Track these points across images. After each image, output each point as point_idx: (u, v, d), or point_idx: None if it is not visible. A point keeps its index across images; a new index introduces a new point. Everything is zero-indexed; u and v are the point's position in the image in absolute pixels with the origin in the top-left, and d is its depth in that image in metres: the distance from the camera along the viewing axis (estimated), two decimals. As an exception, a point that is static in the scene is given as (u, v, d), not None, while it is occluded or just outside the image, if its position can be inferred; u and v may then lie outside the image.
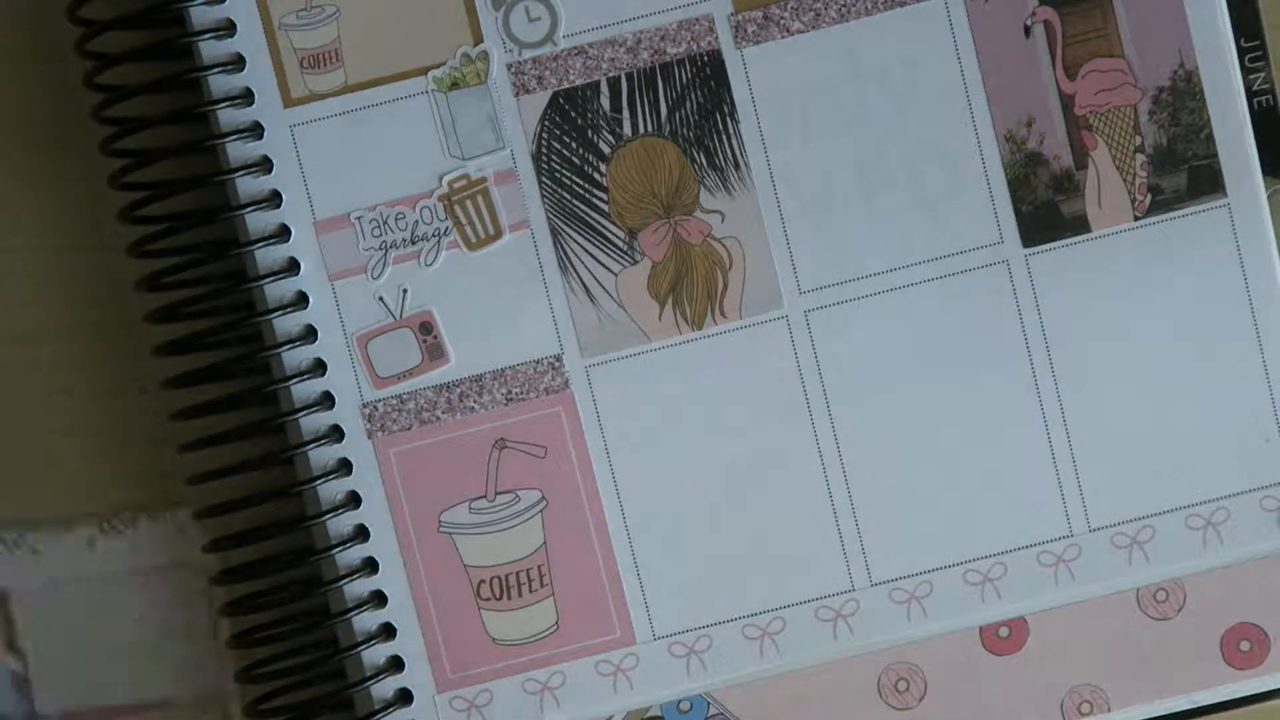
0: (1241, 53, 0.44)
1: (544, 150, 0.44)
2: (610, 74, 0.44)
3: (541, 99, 0.44)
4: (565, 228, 0.44)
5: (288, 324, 0.44)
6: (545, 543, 0.44)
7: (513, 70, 0.44)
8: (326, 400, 0.44)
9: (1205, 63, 0.43)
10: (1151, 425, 0.44)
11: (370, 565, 0.44)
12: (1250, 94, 0.44)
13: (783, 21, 0.43)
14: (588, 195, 0.44)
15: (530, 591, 0.44)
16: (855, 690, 0.45)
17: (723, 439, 0.44)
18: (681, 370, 0.44)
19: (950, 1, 0.43)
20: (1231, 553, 0.44)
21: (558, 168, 0.44)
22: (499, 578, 0.44)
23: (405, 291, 0.44)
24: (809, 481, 0.44)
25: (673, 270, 0.44)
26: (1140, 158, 0.44)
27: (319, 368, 0.44)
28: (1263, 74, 0.44)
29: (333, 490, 0.44)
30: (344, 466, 0.44)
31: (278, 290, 0.43)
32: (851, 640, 0.44)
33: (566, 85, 0.44)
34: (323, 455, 0.44)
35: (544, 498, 0.44)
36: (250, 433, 0.44)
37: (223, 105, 0.43)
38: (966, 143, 0.44)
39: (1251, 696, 0.45)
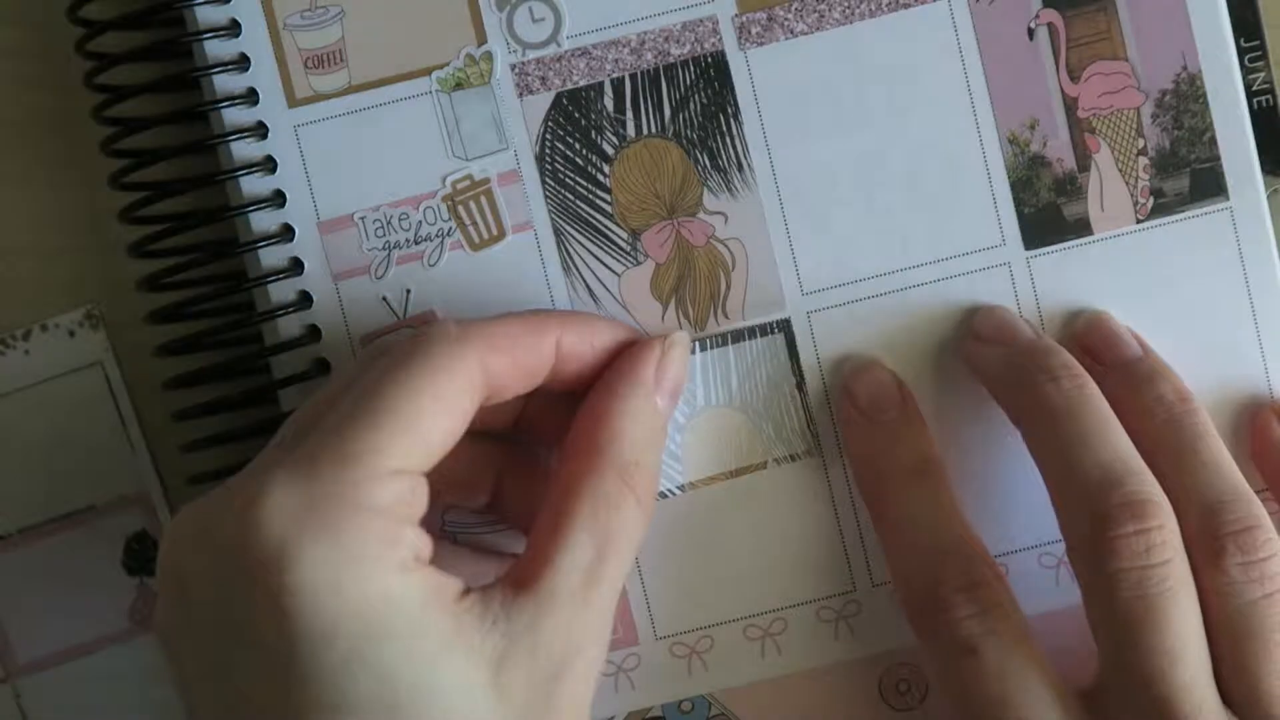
0: (1241, 53, 0.44)
1: (547, 151, 0.44)
2: (614, 75, 0.44)
3: (545, 100, 0.44)
4: (568, 228, 0.44)
5: (291, 324, 0.44)
6: (548, 543, 0.44)
7: (516, 71, 0.44)
8: (329, 401, 0.44)
9: (1208, 66, 0.43)
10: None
11: (373, 565, 0.44)
12: (1250, 94, 0.44)
13: (786, 23, 0.43)
14: (591, 196, 0.44)
15: (532, 592, 0.44)
16: (857, 691, 0.45)
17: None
18: (684, 371, 0.44)
19: (954, 4, 0.43)
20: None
21: (561, 168, 0.44)
22: (501, 578, 0.44)
23: (409, 292, 0.44)
24: (811, 482, 0.44)
25: (676, 271, 0.44)
26: (1143, 160, 0.44)
27: (323, 368, 0.44)
28: (1262, 74, 0.44)
29: (335, 490, 0.44)
30: (347, 467, 0.44)
31: (281, 291, 0.43)
32: (853, 641, 0.44)
33: (570, 86, 0.44)
34: (325, 455, 0.44)
35: (546, 498, 0.44)
36: (252, 433, 0.44)
37: (227, 105, 0.43)
38: (969, 145, 0.44)
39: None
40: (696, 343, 0.43)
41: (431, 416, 0.36)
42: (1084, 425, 0.40)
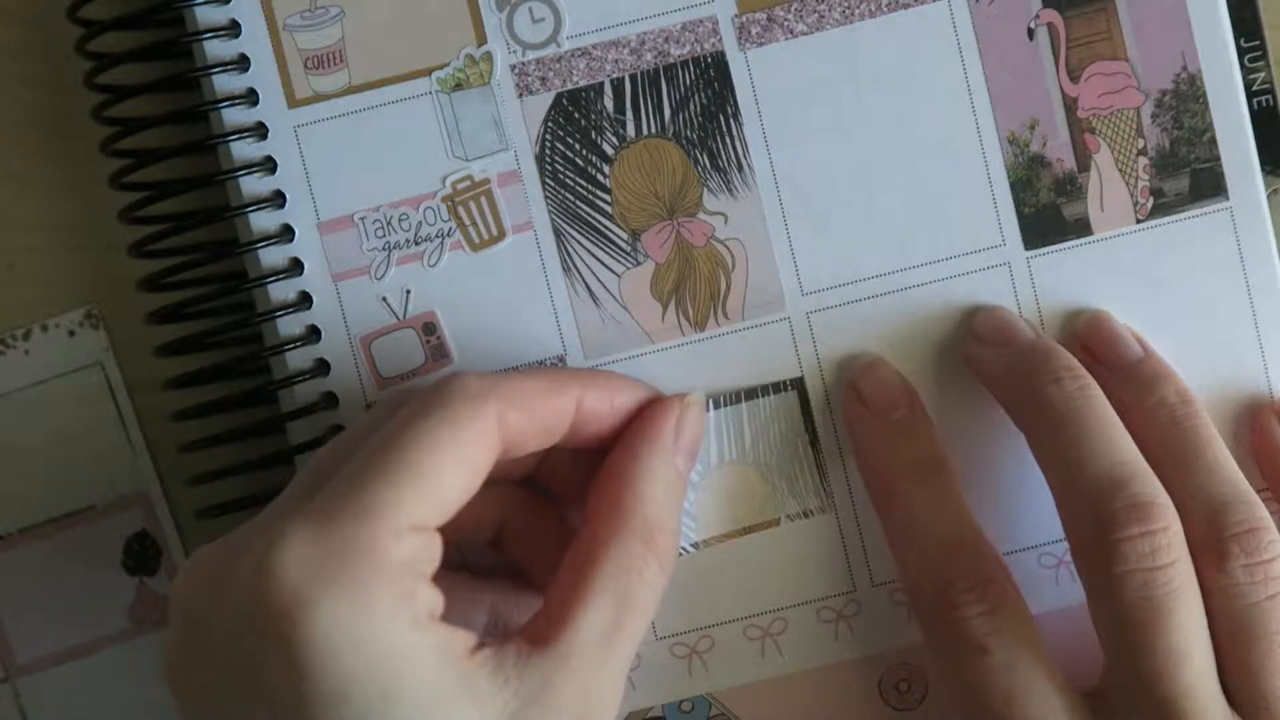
0: (1241, 53, 0.44)
1: (547, 151, 0.44)
2: (614, 75, 0.44)
3: (545, 100, 0.44)
4: (568, 229, 0.44)
5: (291, 325, 0.44)
6: (548, 543, 0.44)
7: (516, 71, 0.44)
8: (330, 401, 0.44)
9: (1208, 66, 0.43)
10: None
11: (373, 565, 0.44)
12: (1250, 94, 0.44)
13: (786, 23, 0.43)
14: (591, 196, 0.44)
15: (533, 592, 0.44)
16: (857, 691, 0.45)
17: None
18: (684, 371, 0.44)
19: (954, 4, 0.43)
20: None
21: (561, 169, 0.44)
22: (501, 578, 0.44)
23: (409, 292, 0.44)
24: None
25: (675, 272, 0.44)
26: (1143, 160, 0.44)
27: (322, 368, 0.44)
28: (1262, 74, 0.44)
29: (335, 491, 0.44)
30: (347, 467, 0.44)
31: (281, 291, 0.43)
32: (853, 641, 0.44)
33: (570, 86, 0.44)
34: (325, 456, 0.44)
35: (547, 498, 0.44)
36: (252, 433, 0.44)
37: (227, 105, 0.43)
38: (969, 145, 0.44)
39: None
40: (710, 401, 0.43)
41: (449, 472, 0.36)
42: (1087, 427, 0.40)
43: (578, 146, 0.44)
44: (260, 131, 0.43)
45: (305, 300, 0.44)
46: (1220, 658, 0.39)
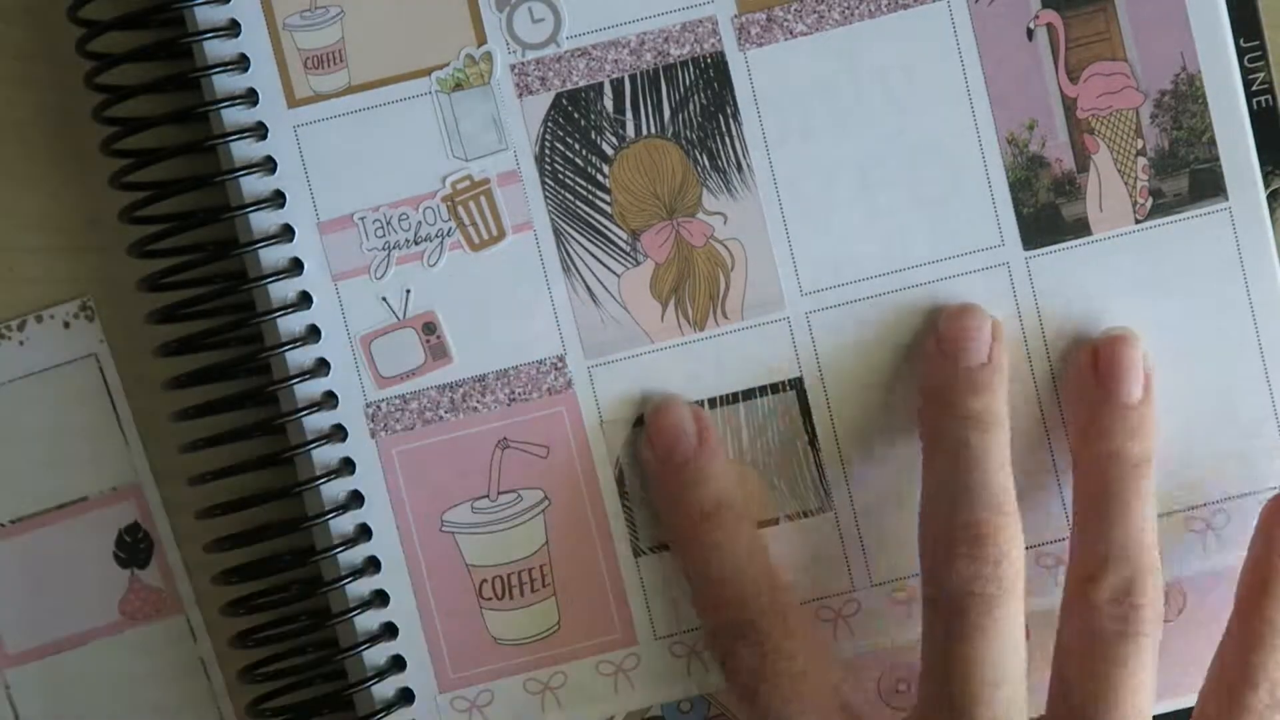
0: (1241, 53, 0.44)
1: (547, 151, 0.44)
2: (613, 75, 0.44)
3: (545, 100, 0.44)
4: (568, 229, 0.44)
5: (291, 324, 0.44)
6: (547, 542, 0.45)
7: (516, 71, 0.44)
8: (330, 400, 0.44)
9: (1207, 66, 0.43)
10: (1152, 428, 0.44)
11: (373, 565, 0.44)
12: (1250, 94, 0.44)
13: (786, 24, 0.43)
14: (590, 196, 0.44)
15: (532, 591, 0.45)
16: (856, 691, 0.45)
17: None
18: (683, 371, 0.44)
19: (953, 4, 0.43)
20: (1230, 555, 0.44)
21: (560, 169, 0.44)
22: (501, 577, 0.44)
23: (409, 292, 0.44)
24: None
25: (675, 271, 0.44)
26: (1142, 161, 0.44)
27: (322, 368, 0.44)
28: (1262, 74, 0.44)
29: (335, 490, 0.44)
30: (347, 466, 0.44)
31: (281, 290, 0.44)
32: (852, 641, 0.45)
33: (570, 86, 0.44)
34: (325, 455, 0.44)
35: (546, 497, 0.44)
36: (253, 433, 0.44)
37: (226, 105, 0.43)
38: (968, 145, 0.44)
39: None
40: (706, 401, 0.44)
41: None
42: (969, 481, 0.40)
43: (577, 146, 0.44)
44: (260, 131, 0.43)
45: (305, 300, 0.44)
46: (1055, 682, 0.41)
